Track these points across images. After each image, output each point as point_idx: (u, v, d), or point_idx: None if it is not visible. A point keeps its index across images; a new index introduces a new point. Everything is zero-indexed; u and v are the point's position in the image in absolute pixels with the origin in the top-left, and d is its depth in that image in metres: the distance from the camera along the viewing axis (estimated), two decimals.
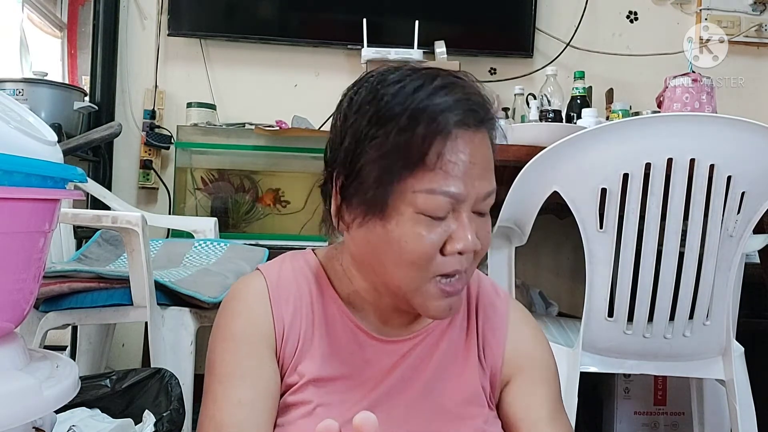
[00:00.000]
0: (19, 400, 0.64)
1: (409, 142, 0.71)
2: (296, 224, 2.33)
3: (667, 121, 1.29)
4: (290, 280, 0.83)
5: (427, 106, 0.71)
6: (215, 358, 0.81)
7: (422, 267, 0.73)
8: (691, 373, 1.44)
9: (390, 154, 0.71)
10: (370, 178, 0.73)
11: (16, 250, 0.67)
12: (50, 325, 1.38)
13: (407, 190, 0.71)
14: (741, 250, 1.34)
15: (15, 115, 0.71)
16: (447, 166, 0.71)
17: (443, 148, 0.71)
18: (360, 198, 0.74)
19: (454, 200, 0.71)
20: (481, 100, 0.75)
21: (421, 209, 0.71)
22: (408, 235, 0.72)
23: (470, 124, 0.72)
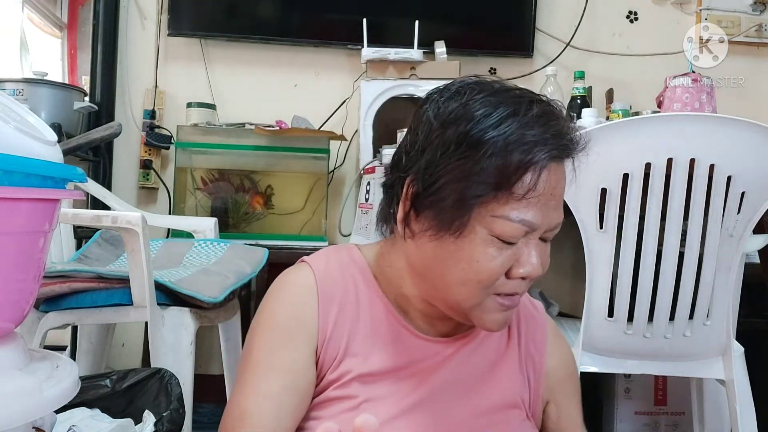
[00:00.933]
0: (19, 400, 0.64)
1: (501, 170, 0.71)
2: (296, 224, 2.33)
3: (667, 121, 1.29)
4: (337, 276, 0.83)
5: (523, 135, 0.71)
6: (253, 345, 0.81)
7: (487, 286, 0.75)
8: (691, 373, 1.44)
9: (478, 177, 0.72)
10: (450, 196, 0.73)
11: (16, 250, 0.67)
12: (50, 325, 1.38)
13: (487, 214, 0.72)
14: (741, 250, 1.34)
15: (15, 115, 0.71)
16: (529, 196, 0.72)
17: (532, 179, 0.72)
18: (435, 212, 0.75)
19: (530, 229, 0.73)
20: (571, 133, 0.76)
21: (497, 233, 0.73)
22: (479, 254, 0.73)
23: (560, 158, 0.74)
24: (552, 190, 0.73)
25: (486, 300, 0.75)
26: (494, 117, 0.72)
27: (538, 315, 0.92)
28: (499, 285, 0.75)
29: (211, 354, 2.24)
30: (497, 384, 0.84)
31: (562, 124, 0.75)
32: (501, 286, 0.75)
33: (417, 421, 0.79)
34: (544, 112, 0.74)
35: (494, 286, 0.75)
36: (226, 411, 0.80)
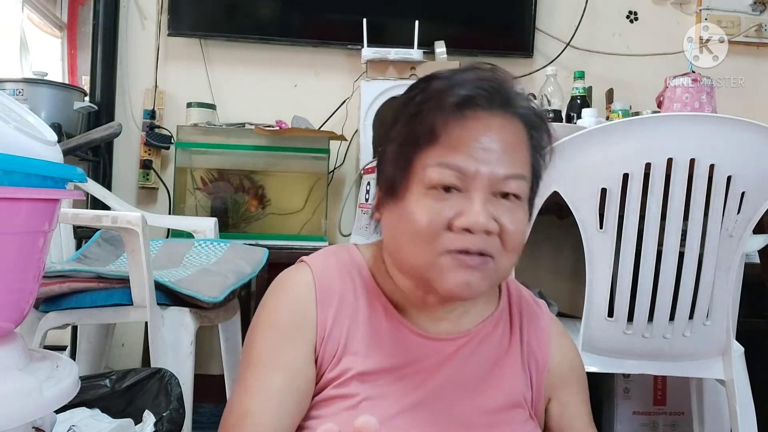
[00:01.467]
0: (19, 400, 0.64)
1: (420, 120, 0.75)
2: (296, 224, 2.33)
3: (667, 121, 1.29)
4: (335, 275, 0.84)
5: (440, 86, 0.76)
6: (254, 344, 0.82)
7: (429, 240, 0.74)
8: (691, 373, 1.44)
9: (404, 135, 0.77)
10: (388, 162, 0.79)
11: (16, 250, 0.67)
12: (50, 325, 1.38)
13: (419, 168, 0.75)
14: (741, 250, 1.34)
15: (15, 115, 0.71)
16: (454, 142, 0.74)
17: (451, 125, 0.74)
18: (384, 183, 0.80)
19: (461, 174, 0.74)
20: (500, 84, 0.77)
21: (429, 183, 0.74)
22: (416, 208, 0.75)
23: (484, 106, 0.75)
24: (484, 137, 0.74)
25: (439, 259, 0.74)
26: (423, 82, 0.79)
27: (541, 313, 0.91)
28: (446, 241, 0.74)
29: (211, 354, 2.24)
30: (499, 383, 0.84)
31: (496, 79, 0.77)
32: (449, 242, 0.74)
33: (417, 420, 0.78)
34: (469, 67, 0.78)
35: (441, 242, 0.74)
36: (227, 409, 0.80)
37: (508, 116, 0.77)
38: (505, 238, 0.75)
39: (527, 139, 0.79)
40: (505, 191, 0.76)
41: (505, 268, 0.78)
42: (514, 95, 0.78)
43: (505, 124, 0.76)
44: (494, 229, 0.74)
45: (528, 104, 0.79)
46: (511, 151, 0.76)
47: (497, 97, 0.76)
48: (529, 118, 0.79)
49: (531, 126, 0.79)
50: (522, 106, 0.79)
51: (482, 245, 0.74)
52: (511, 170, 0.75)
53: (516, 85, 0.79)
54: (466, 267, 0.74)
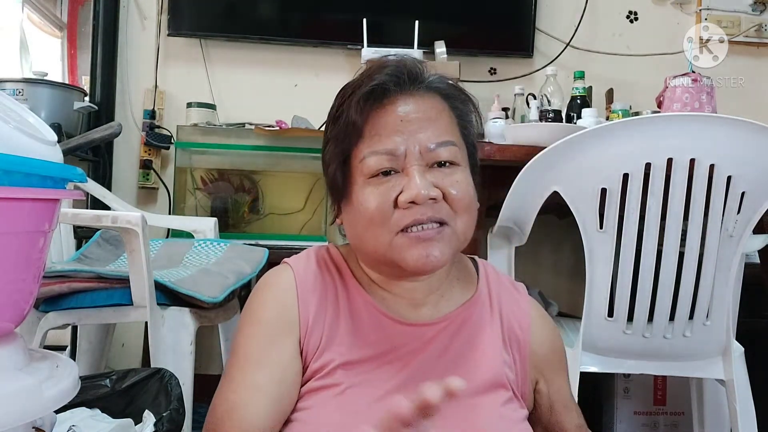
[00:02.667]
0: (19, 400, 0.64)
1: (343, 119, 0.81)
2: (296, 224, 2.33)
3: (667, 121, 1.29)
4: (316, 272, 0.88)
5: (353, 84, 0.83)
6: (239, 341, 0.85)
7: (381, 222, 0.79)
8: (691, 373, 1.44)
9: (335, 138, 0.83)
10: (330, 167, 0.84)
11: (16, 250, 0.67)
12: (50, 325, 1.38)
13: (356, 162, 0.81)
14: (741, 250, 1.34)
15: (15, 115, 0.71)
16: (378, 129, 0.80)
17: (371, 115, 0.80)
18: (330, 188, 0.85)
19: (392, 156, 0.79)
20: (409, 67, 0.83)
21: (367, 173, 0.79)
22: (362, 198, 0.80)
23: (397, 88, 0.81)
24: (403, 116, 0.80)
25: (395, 239, 0.79)
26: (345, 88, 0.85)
27: (520, 296, 0.94)
28: (397, 219, 0.78)
29: (211, 354, 2.24)
30: (480, 365, 0.86)
31: (401, 63, 0.84)
32: (400, 220, 0.78)
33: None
34: (383, 64, 0.84)
35: (394, 222, 0.78)
36: (214, 405, 0.82)
37: (421, 92, 0.82)
38: (452, 201, 0.80)
39: (448, 108, 0.84)
40: (439, 160, 0.80)
41: (463, 231, 0.82)
42: (422, 73, 0.84)
43: (419, 99, 0.82)
44: (437, 195, 0.79)
45: (439, 78, 0.85)
46: (433, 120, 0.81)
47: (405, 78, 0.82)
48: (444, 90, 0.84)
49: (448, 96, 0.84)
50: (433, 80, 0.84)
51: (431, 213, 0.79)
52: (436, 138, 0.80)
53: (424, 65, 0.85)
54: (421, 241, 0.79)
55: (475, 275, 0.93)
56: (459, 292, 0.90)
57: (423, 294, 0.87)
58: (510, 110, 2.43)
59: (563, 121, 2.06)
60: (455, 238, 0.81)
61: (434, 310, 0.87)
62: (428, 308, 0.87)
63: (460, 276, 0.91)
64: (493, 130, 2.03)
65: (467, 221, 0.82)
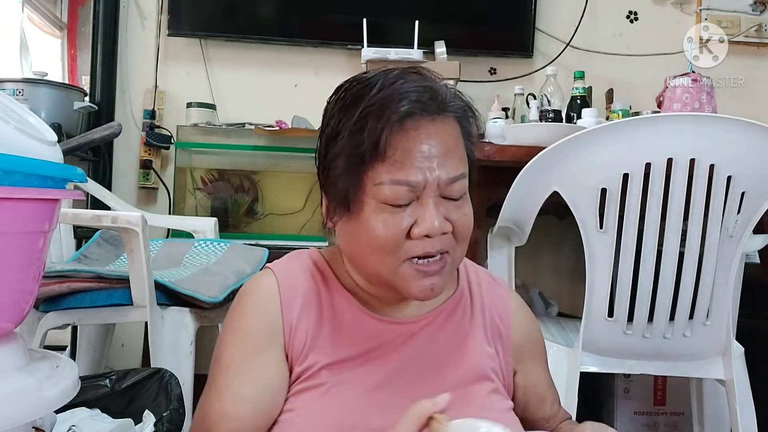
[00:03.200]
0: (19, 400, 0.64)
1: (364, 137, 0.77)
2: (296, 224, 2.33)
3: (667, 121, 1.29)
4: (299, 276, 0.87)
5: (377, 100, 0.78)
6: (223, 350, 0.85)
7: (391, 251, 0.78)
8: (691, 373, 1.44)
9: (349, 150, 0.78)
10: (337, 176, 0.80)
11: (16, 250, 0.67)
12: (50, 325, 1.39)
13: (369, 184, 0.77)
14: (741, 250, 1.34)
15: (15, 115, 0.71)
16: (400, 156, 0.76)
17: (395, 139, 0.76)
18: (335, 196, 0.82)
19: (412, 188, 0.77)
20: (433, 89, 0.80)
21: (383, 200, 0.77)
22: (374, 223, 0.77)
23: (422, 114, 0.78)
24: (425, 145, 0.77)
25: (402, 267, 0.78)
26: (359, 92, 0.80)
27: (500, 288, 0.95)
28: (407, 249, 0.78)
29: (211, 354, 2.24)
30: (463, 358, 0.86)
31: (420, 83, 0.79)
32: (409, 249, 0.78)
33: (383, 398, 0.81)
34: (398, 77, 0.79)
35: (403, 251, 0.78)
36: (204, 412, 0.82)
37: (443, 117, 0.80)
38: (457, 233, 0.80)
39: (460, 134, 0.82)
40: (453, 196, 0.79)
41: (460, 257, 0.83)
42: (446, 96, 0.81)
43: (441, 127, 0.79)
44: (449, 230, 0.79)
45: (458, 100, 0.83)
46: (452, 153, 0.79)
47: (432, 104, 0.79)
48: (462, 113, 0.83)
49: (460, 119, 0.83)
50: (454, 105, 0.82)
51: (440, 246, 0.78)
52: (454, 173, 0.79)
53: (445, 84, 0.83)
54: (426, 274, 0.79)
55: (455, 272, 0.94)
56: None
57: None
58: (510, 110, 2.43)
59: (563, 121, 2.06)
60: (453, 266, 0.82)
61: (419, 308, 0.87)
62: (412, 307, 0.87)
63: None
64: (493, 130, 2.03)
65: (464, 248, 0.83)
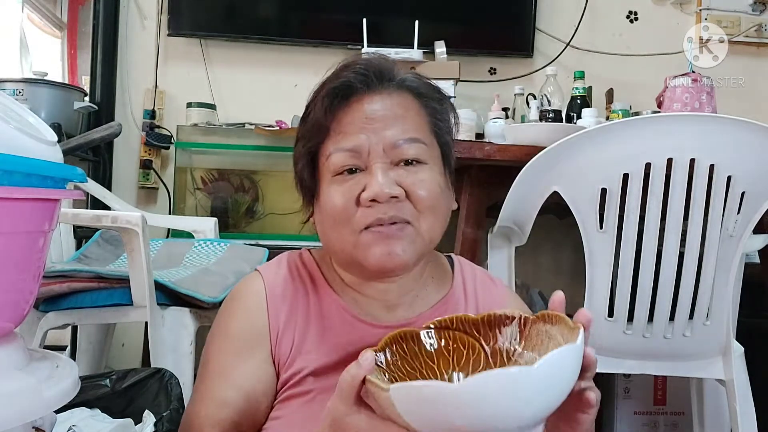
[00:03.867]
0: (19, 400, 0.64)
1: (311, 118, 0.82)
2: (296, 224, 2.32)
3: (667, 121, 1.29)
4: (287, 279, 0.86)
5: (325, 83, 0.84)
6: (210, 355, 0.84)
7: (346, 221, 0.78)
8: (691, 373, 1.44)
9: (302, 135, 0.84)
10: (301, 168, 0.84)
11: (16, 250, 0.67)
12: (50, 325, 1.38)
13: (323, 160, 0.81)
14: (741, 250, 1.34)
15: (15, 115, 0.71)
16: (345, 127, 0.79)
17: (339, 114, 0.80)
18: (302, 189, 0.85)
19: (356, 153, 0.78)
20: (381, 66, 0.83)
21: (333, 170, 0.79)
22: (327, 197, 0.80)
23: (366, 88, 0.81)
24: (370, 114, 0.79)
25: (360, 237, 0.78)
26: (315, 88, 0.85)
27: (497, 289, 0.93)
28: (360, 217, 0.77)
29: None
30: None
31: (370, 62, 0.83)
32: (363, 218, 0.77)
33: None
34: (351, 63, 0.84)
35: (356, 220, 0.77)
36: (185, 419, 0.82)
37: (390, 90, 0.81)
38: (415, 200, 0.78)
39: (419, 107, 0.82)
40: (405, 158, 0.79)
41: (428, 232, 0.80)
42: (391, 71, 0.83)
43: (387, 97, 0.81)
44: (399, 194, 0.77)
45: (412, 76, 0.84)
46: (400, 118, 0.80)
47: (372, 76, 0.81)
48: (417, 88, 0.83)
49: (420, 95, 0.83)
50: (405, 78, 0.83)
51: (393, 212, 0.77)
52: (402, 135, 0.79)
53: (394, 64, 0.85)
54: (383, 238, 0.77)
55: (450, 273, 0.92)
56: (434, 291, 0.89)
57: (396, 295, 0.85)
58: (510, 110, 2.43)
59: (563, 121, 2.06)
60: (420, 239, 0.79)
61: (409, 311, 0.86)
62: (403, 309, 0.85)
63: (435, 274, 0.90)
64: (493, 130, 2.03)
65: (432, 222, 0.80)
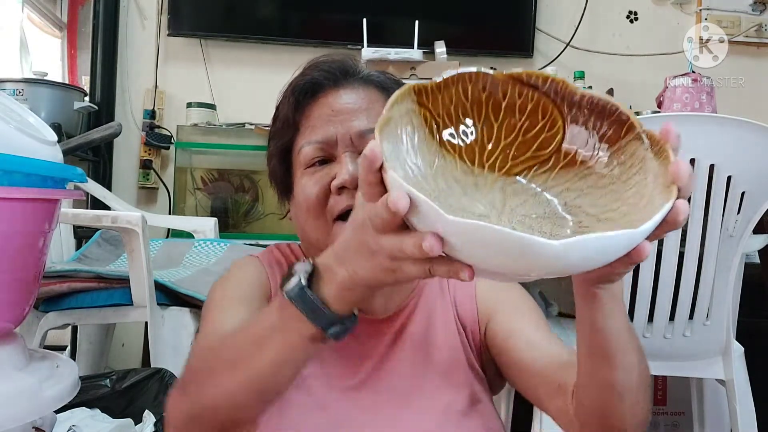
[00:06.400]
0: (19, 400, 0.64)
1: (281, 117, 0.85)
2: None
3: (667, 121, 1.29)
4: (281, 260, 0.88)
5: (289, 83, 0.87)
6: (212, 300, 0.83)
7: (318, 211, 0.79)
8: (691, 373, 1.44)
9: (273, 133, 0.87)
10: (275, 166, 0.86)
11: (16, 250, 0.67)
12: (50, 325, 1.38)
13: (294, 156, 0.83)
14: (741, 250, 1.34)
15: (15, 115, 0.71)
16: (313, 122, 0.82)
17: (307, 110, 0.83)
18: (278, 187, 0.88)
19: (325, 144, 0.80)
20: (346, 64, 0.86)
21: (304, 164, 0.81)
22: (301, 189, 0.81)
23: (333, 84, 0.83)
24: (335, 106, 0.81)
25: (334, 227, 0.79)
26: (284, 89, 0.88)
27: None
28: (332, 206, 0.79)
29: None
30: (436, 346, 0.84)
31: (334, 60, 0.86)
32: (334, 206, 0.78)
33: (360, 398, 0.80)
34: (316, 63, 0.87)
35: (329, 210, 0.79)
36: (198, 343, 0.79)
37: (356, 85, 0.83)
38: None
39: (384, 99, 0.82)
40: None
41: None
42: (355, 67, 0.85)
43: (352, 91, 0.83)
44: None
45: (376, 72, 0.86)
46: (366, 109, 0.81)
47: (337, 73, 0.84)
48: (382, 82, 0.85)
49: (385, 88, 0.84)
50: (369, 74, 0.85)
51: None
52: (368, 125, 0.80)
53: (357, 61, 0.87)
54: None
55: None
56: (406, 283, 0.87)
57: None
58: None
59: None
60: None
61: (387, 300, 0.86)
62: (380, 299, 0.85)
63: None
64: None
65: None
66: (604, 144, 0.56)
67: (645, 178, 0.53)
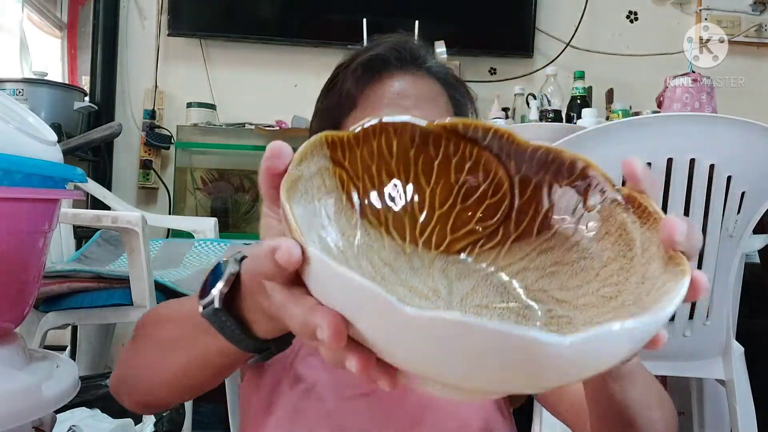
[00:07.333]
0: (19, 400, 0.64)
1: (338, 89, 0.80)
2: None
3: (667, 121, 1.29)
4: None
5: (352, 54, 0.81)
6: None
7: None
8: (691, 373, 1.44)
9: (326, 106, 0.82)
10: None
11: (15, 250, 0.67)
12: (50, 325, 1.38)
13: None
14: (741, 250, 1.34)
15: (15, 115, 0.71)
16: (373, 101, 0.77)
17: (369, 86, 0.78)
18: None
19: None
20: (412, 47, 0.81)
21: None
22: None
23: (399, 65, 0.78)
24: (400, 91, 0.77)
25: None
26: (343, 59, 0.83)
27: None
28: None
29: None
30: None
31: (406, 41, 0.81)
32: None
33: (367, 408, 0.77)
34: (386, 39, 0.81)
35: None
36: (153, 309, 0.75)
37: (422, 74, 0.80)
38: None
39: (446, 96, 0.81)
40: None
41: None
42: (425, 55, 0.81)
43: (419, 80, 0.79)
44: None
45: (442, 66, 0.83)
46: (430, 101, 0.79)
47: (408, 56, 0.79)
48: (443, 77, 0.82)
49: (448, 84, 0.82)
50: (435, 66, 0.81)
51: None
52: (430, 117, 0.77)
53: (428, 50, 0.83)
54: None
55: None
56: None
57: None
58: (510, 110, 2.43)
59: (563, 121, 2.07)
60: None
61: None
62: None
63: None
64: None
65: None
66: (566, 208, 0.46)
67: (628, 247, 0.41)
